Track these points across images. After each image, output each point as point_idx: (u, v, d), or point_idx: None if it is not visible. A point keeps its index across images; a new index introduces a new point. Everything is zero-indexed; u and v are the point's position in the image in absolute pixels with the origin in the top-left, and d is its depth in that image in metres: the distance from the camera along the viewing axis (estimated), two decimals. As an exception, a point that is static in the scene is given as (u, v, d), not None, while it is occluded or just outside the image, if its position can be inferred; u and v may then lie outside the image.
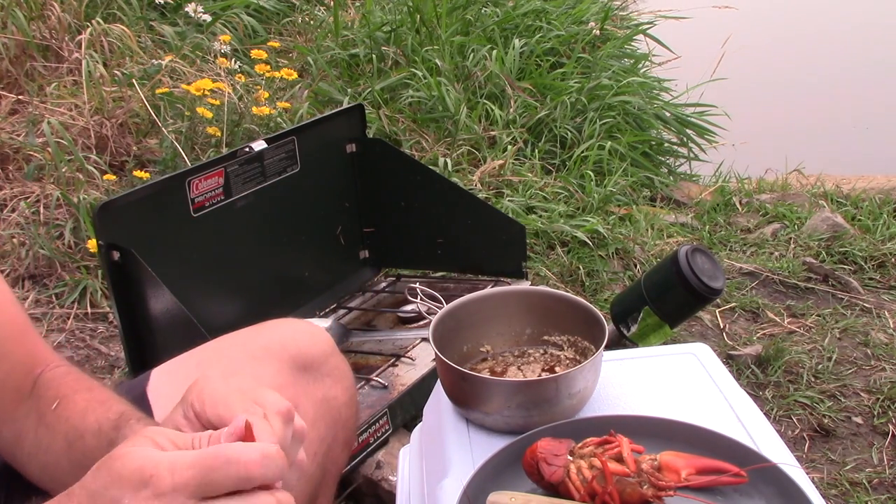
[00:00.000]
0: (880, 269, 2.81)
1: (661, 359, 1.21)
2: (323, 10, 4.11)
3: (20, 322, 0.98)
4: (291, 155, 2.02)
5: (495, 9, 3.91)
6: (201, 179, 1.81)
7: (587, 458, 0.91)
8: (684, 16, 4.47)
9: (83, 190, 2.57)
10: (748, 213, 3.24)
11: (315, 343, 1.18)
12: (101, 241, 1.59)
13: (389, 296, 2.28)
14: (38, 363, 0.99)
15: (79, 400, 0.95)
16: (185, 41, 3.37)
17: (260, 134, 2.72)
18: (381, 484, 1.72)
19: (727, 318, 2.54)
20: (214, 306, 1.90)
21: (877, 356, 2.36)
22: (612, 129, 3.41)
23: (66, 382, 0.98)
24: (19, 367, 0.97)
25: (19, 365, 0.97)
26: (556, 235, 2.76)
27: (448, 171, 2.91)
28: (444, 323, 1.14)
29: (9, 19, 3.23)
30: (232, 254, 1.95)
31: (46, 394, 0.97)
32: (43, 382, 0.98)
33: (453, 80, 3.37)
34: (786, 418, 2.14)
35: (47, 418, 0.95)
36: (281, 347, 1.13)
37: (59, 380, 0.98)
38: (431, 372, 1.84)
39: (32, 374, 0.98)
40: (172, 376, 1.15)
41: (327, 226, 2.22)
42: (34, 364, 0.99)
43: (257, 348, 1.13)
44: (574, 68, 3.63)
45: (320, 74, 3.47)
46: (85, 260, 2.46)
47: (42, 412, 0.95)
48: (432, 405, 1.19)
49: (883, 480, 1.95)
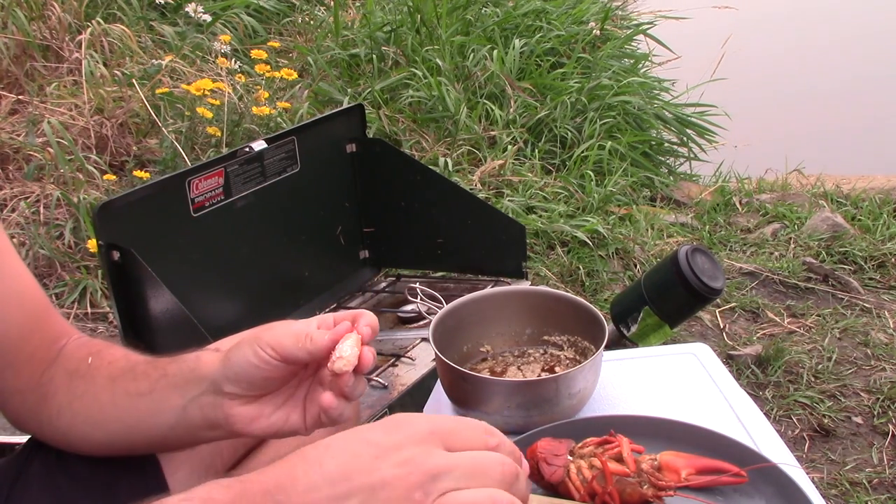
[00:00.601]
0: (880, 269, 2.81)
1: (661, 359, 1.21)
2: (323, 10, 4.11)
3: (43, 301, 1.04)
4: (291, 155, 2.02)
5: (495, 9, 3.91)
6: (201, 179, 1.81)
7: (587, 458, 0.91)
8: (684, 16, 4.47)
9: (83, 190, 2.57)
10: (748, 213, 3.24)
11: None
12: (101, 241, 1.59)
13: (389, 296, 2.28)
14: (63, 336, 1.04)
15: (115, 350, 1.00)
16: (185, 41, 3.38)
17: (260, 134, 2.73)
18: (381, 484, 1.72)
19: (727, 318, 2.54)
20: (214, 306, 1.90)
21: (877, 356, 2.36)
22: (612, 129, 3.41)
23: (94, 343, 1.04)
24: (46, 341, 1.02)
25: (46, 339, 1.02)
26: (556, 235, 2.76)
27: (448, 171, 2.91)
28: (444, 323, 1.14)
29: (9, 19, 3.23)
30: (232, 254, 1.95)
31: (77, 354, 1.01)
32: (67, 350, 1.03)
33: (453, 80, 3.37)
34: (786, 418, 2.14)
35: (81, 372, 0.99)
36: None
37: (86, 343, 1.04)
38: (431, 372, 1.83)
39: (57, 345, 1.03)
40: None
41: (327, 226, 2.22)
42: (59, 337, 1.04)
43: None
44: (574, 68, 3.63)
45: (320, 74, 3.47)
46: (85, 260, 2.46)
47: (73, 370, 0.99)
48: (432, 405, 1.19)
49: (883, 480, 1.95)
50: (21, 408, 1.02)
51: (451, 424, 0.65)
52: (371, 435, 0.64)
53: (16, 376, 1.00)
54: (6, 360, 0.99)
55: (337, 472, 0.62)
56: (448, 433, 0.64)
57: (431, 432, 0.63)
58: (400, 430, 0.63)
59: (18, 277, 1.01)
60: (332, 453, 0.63)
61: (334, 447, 0.64)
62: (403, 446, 0.62)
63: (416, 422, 0.64)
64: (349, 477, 0.61)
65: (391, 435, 0.63)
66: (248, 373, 0.83)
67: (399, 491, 0.61)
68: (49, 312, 1.05)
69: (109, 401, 0.95)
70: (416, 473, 0.61)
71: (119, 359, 0.99)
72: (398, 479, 0.61)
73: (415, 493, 0.60)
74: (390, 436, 0.63)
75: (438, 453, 0.62)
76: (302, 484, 0.62)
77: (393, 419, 0.65)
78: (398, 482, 0.61)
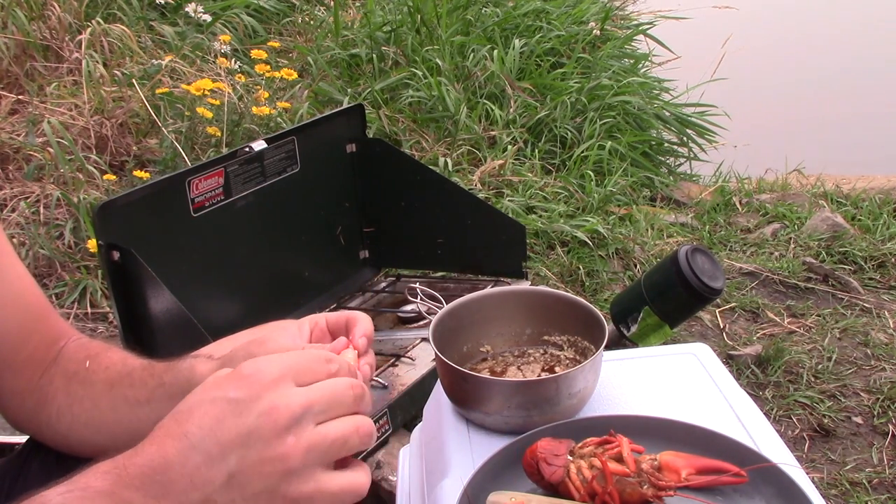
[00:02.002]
0: (880, 269, 2.81)
1: (661, 359, 1.21)
2: (323, 10, 4.11)
3: (43, 302, 1.05)
4: (291, 155, 2.02)
5: (495, 9, 3.91)
6: (201, 179, 1.81)
7: (587, 458, 0.91)
8: (684, 16, 4.47)
9: (83, 190, 2.57)
10: (748, 213, 3.24)
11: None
12: (101, 241, 1.59)
13: (389, 296, 2.28)
14: (62, 337, 1.05)
15: (113, 353, 1.01)
16: (185, 41, 3.38)
17: (260, 134, 2.72)
18: (381, 484, 1.72)
19: (727, 318, 2.54)
20: (214, 306, 1.90)
21: (877, 356, 2.36)
22: (612, 129, 3.41)
23: (92, 346, 1.04)
24: (45, 342, 1.03)
25: (45, 341, 1.03)
26: (556, 235, 2.76)
27: (448, 171, 2.91)
28: (444, 323, 1.14)
29: (9, 19, 3.24)
30: (232, 254, 1.95)
31: (75, 356, 1.02)
32: (66, 352, 1.03)
33: (453, 80, 3.37)
34: (786, 418, 2.14)
35: (80, 376, 0.99)
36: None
37: (84, 345, 1.04)
38: (431, 372, 1.83)
39: (56, 346, 1.04)
40: None
41: (327, 226, 2.22)
42: (58, 338, 1.04)
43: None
44: (574, 68, 3.63)
45: (320, 74, 3.47)
46: (85, 260, 2.46)
47: (72, 373, 1.00)
48: (432, 405, 1.19)
49: (883, 480, 1.95)
50: (20, 409, 1.02)
51: (296, 360, 0.69)
52: (227, 392, 0.65)
53: (15, 377, 1.01)
54: (5, 361, 1.00)
55: (207, 439, 0.64)
56: (297, 371, 0.67)
57: (282, 375, 0.66)
58: (253, 380, 0.66)
59: (18, 279, 1.01)
60: (195, 421, 0.65)
61: (196, 414, 0.65)
62: (261, 395, 0.65)
63: (265, 367, 0.67)
64: (219, 440, 0.64)
65: (246, 388, 0.65)
66: None
67: (270, 436, 0.64)
68: (48, 313, 1.05)
69: (109, 406, 0.96)
70: (282, 418, 0.64)
71: (116, 363, 0.99)
72: (266, 427, 0.64)
73: (286, 437, 0.64)
74: (245, 389, 0.65)
75: (294, 392, 0.66)
76: (176, 460, 0.64)
77: (240, 370, 0.67)
78: (267, 430, 0.64)
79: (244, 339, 1.18)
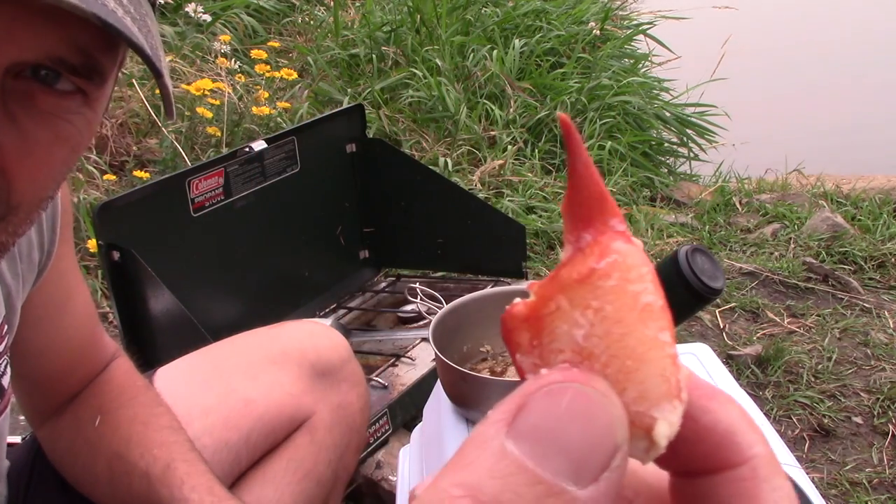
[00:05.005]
0: (880, 269, 2.81)
1: (661, 359, 1.20)
2: (323, 10, 4.11)
3: (89, 335, 1.04)
4: (291, 155, 2.02)
5: (495, 9, 3.91)
6: (201, 179, 1.81)
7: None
8: (684, 16, 4.47)
9: (83, 190, 2.57)
10: (748, 213, 3.24)
11: (334, 348, 1.18)
12: (101, 241, 1.59)
13: (389, 296, 2.28)
14: (99, 366, 1.05)
15: (121, 419, 0.99)
16: (185, 41, 3.37)
17: (260, 134, 2.72)
18: (381, 484, 1.72)
19: (727, 318, 2.54)
20: (214, 306, 1.90)
21: (877, 356, 2.36)
22: (612, 129, 3.41)
23: (110, 393, 1.03)
24: (82, 380, 1.03)
25: (83, 378, 1.03)
26: (556, 235, 2.76)
27: (448, 171, 2.91)
28: (444, 323, 1.14)
29: (9, 19, 3.23)
30: (232, 254, 1.95)
31: (92, 402, 1.01)
32: (91, 389, 1.03)
33: (453, 80, 3.37)
34: (786, 418, 2.14)
35: (88, 433, 0.99)
36: (300, 353, 1.14)
37: (106, 390, 1.03)
38: (431, 372, 1.83)
39: (89, 379, 1.04)
40: (185, 375, 1.15)
41: (327, 226, 2.22)
42: (94, 373, 1.05)
43: (276, 353, 1.13)
44: (574, 68, 3.63)
45: (320, 74, 3.47)
46: (85, 260, 2.45)
47: (83, 423, 1.00)
48: (432, 405, 1.19)
49: (883, 480, 1.95)
50: (38, 424, 1.03)
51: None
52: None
53: (45, 402, 1.02)
54: (39, 390, 1.00)
55: None
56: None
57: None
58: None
59: (73, 319, 1.00)
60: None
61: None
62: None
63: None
64: None
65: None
66: None
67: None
68: (94, 348, 1.05)
69: (108, 492, 0.97)
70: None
71: (118, 441, 0.97)
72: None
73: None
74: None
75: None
76: None
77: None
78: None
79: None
